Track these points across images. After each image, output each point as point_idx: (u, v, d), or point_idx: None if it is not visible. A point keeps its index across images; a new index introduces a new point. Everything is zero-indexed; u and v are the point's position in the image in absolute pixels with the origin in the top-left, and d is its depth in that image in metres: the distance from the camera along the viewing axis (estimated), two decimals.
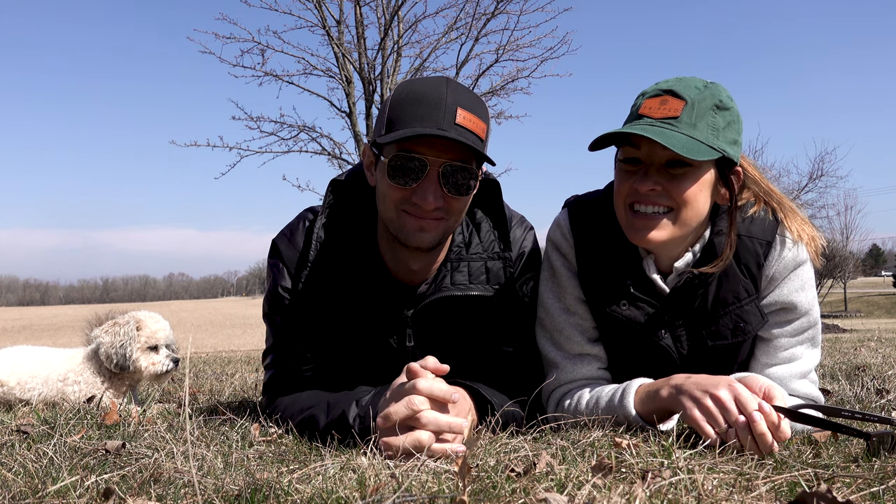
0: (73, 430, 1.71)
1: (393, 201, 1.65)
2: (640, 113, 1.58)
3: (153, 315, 2.46)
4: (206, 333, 36.81)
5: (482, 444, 1.44)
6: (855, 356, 4.41)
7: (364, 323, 1.82)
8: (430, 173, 1.59)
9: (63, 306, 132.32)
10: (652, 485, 1.08)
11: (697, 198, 1.58)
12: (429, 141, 1.57)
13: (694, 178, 1.56)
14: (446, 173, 1.59)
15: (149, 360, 2.37)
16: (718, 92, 1.58)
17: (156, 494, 1.12)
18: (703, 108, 1.54)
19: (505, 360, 1.87)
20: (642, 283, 1.72)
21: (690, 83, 1.58)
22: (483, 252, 1.83)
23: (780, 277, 1.70)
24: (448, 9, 11.81)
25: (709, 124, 1.54)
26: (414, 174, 1.59)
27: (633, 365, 1.77)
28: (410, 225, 1.64)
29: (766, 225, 1.70)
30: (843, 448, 1.42)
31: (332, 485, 1.12)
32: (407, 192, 1.61)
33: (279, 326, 1.87)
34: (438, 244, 1.71)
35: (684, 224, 1.60)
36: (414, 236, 1.65)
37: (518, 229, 1.89)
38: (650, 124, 1.54)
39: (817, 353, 1.77)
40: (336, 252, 1.80)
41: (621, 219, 1.66)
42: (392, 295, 1.81)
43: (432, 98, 1.57)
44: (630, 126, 1.56)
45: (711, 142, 1.53)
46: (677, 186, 1.56)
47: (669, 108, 1.54)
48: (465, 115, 1.57)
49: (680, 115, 1.53)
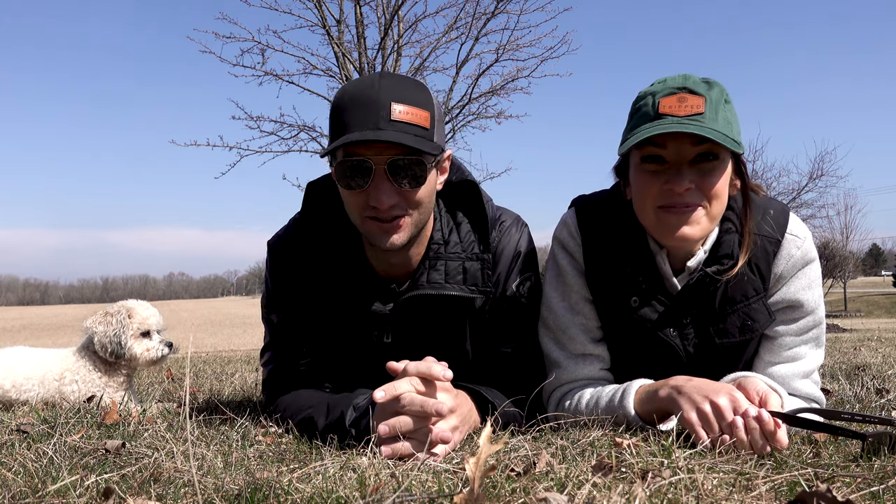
0: (73, 430, 1.71)
1: (355, 208, 1.67)
2: (662, 112, 1.56)
3: (142, 303, 2.51)
4: (206, 333, 36.79)
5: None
6: (855, 356, 4.41)
7: (347, 318, 1.84)
8: (377, 172, 1.59)
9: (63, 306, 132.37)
10: (652, 484, 1.08)
11: (725, 191, 1.60)
12: (369, 142, 1.57)
13: (721, 170, 1.58)
14: (394, 169, 1.59)
15: (143, 347, 2.40)
16: (721, 87, 1.60)
17: (156, 494, 1.12)
18: (718, 102, 1.56)
19: (503, 361, 1.87)
20: (653, 281, 1.72)
21: (697, 80, 1.59)
22: (462, 252, 1.82)
23: (788, 276, 1.70)
24: (448, 8, 11.80)
25: (725, 118, 1.56)
26: (362, 176, 1.60)
27: (639, 363, 1.77)
28: (376, 230, 1.66)
29: (775, 223, 1.70)
30: (843, 448, 1.42)
31: (332, 484, 1.12)
32: (363, 195, 1.62)
33: (275, 324, 1.92)
34: (413, 239, 1.72)
35: (714, 218, 1.62)
36: (382, 240, 1.66)
37: (513, 229, 1.89)
38: (680, 122, 1.53)
39: (821, 353, 1.77)
40: (319, 249, 1.83)
41: (650, 220, 1.63)
42: (373, 291, 1.82)
43: (365, 99, 1.58)
44: (665, 126, 1.53)
45: (731, 134, 1.55)
46: (708, 181, 1.57)
47: (691, 104, 1.55)
48: (402, 109, 1.58)
49: (705, 111, 1.54)
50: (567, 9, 11.87)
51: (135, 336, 2.40)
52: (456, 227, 1.85)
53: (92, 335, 2.38)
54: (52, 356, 2.43)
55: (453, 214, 1.87)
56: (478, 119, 12.44)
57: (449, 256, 1.82)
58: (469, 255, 1.83)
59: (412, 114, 1.59)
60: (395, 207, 1.62)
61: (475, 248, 1.83)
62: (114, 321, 2.38)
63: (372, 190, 1.61)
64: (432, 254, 1.81)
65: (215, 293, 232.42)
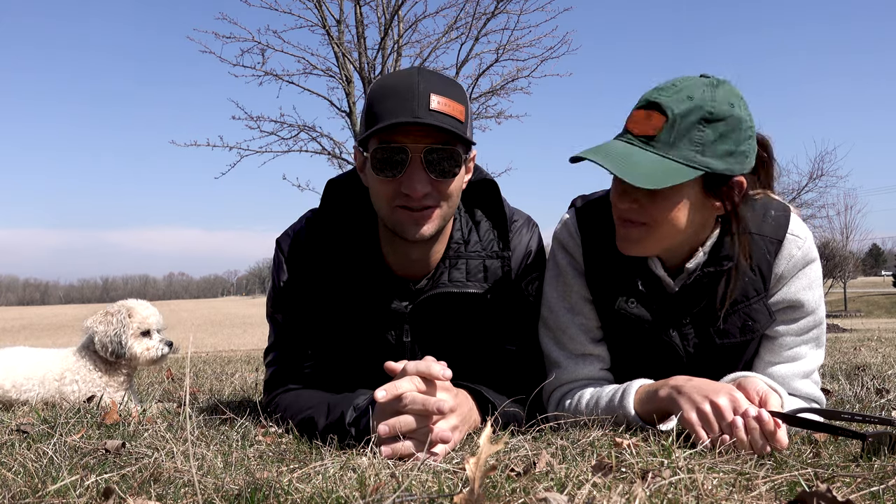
0: (73, 430, 1.71)
1: (385, 198, 1.66)
2: (627, 126, 1.57)
3: (142, 302, 2.51)
4: (206, 333, 36.81)
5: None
6: (855, 356, 4.41)
7: (363, 317, 1.83)
8: (413, 160, 1.60)
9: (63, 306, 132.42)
10: (652, 484, 1.08)
11: (676, 216, 1.55)
12: (406, 129, 1.58)
13: (671, 197, 1.52)
14: (430, 158, 1.60)
15: (143, 346, 2.41)
16: (715, 99, 1.49)
17: (156, 494, 1.12)
18: (688, 123, 1.48)
19: (507, 359, 1.87)
20: (651, 282, 1.72)
21: (684, 91, 1.51)
22: (482, 250, 1.83)
23: (788, 276, 1.70)
24: (448, 8, 11.82)
25: (693, 140, 1.48)
26: (398, 164, 1.60)
27: (640, 363, 1.77)
28: (406, 220, 1.65)
29: (777, 223, 1.69)
30: (843, 448, 1.42)
31: (332, 484, 1.12)
32: (395, 183, 1.62)
33: (280, 324, 1.90)
34: (438, 232, 1.72)
35: (664, 239, 1.59)
36: (411, 230, 1.65)
37: (524, 229, 1.90)
38: (628, 141, 1.53)
39: (821, 353, 1.77)
40: (335, 246, 1.82)
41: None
42: (390, 289, 1.82)
43: (405, 88, 1.59)
44: (594, 150, 1.53)
45: (691, 159, 1.48)
46: (654, 205, 1.54)
47: (650, 124, 1.51)
48: (440, 100, 1.58)
49: (658, 134, 1.49)
50: (567, 9, 11.90)
51: (135, 335, 2.41)
52: (475, 225, 1.86)
53: (93, 335, 2.38)
54: (53, 356, 2.44)
55: (472, 213, 1.88)
56: (478, 119, 12.45)
57: (469, 255, 1.82)
58: (489, 254, 1.83)
59: (450, 106, 1.59)
60: (428, 197, 1.62)
61: (495, 247, 1.84)
62: (114, 321, 2.38)
63: (406, 178, 1.60)
64: (452, 253, 1.82)
65: (215, 293, 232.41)
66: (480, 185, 1.87)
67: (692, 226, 1.58)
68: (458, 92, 1.65)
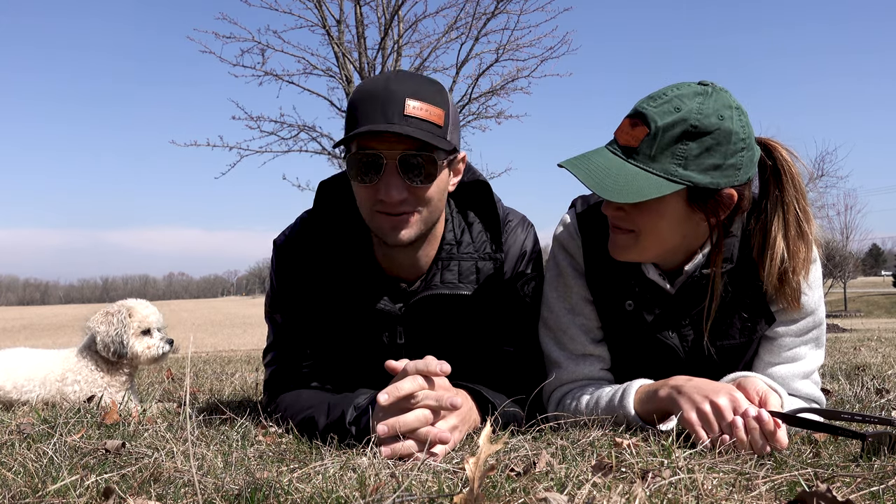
0: (73, 430, 1.71)
1: (365, 203, 1.67)
2: (614, 134, 1.57)
3: (141, 301, 2.52)
4: (206, 333, 36.81)
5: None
6: (855, 356, 4.41)
7: (357, 319, 1.84)
8: (388, 166, 1.60)
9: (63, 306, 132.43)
10: (652, 484, 1.08)
11: (660, 226, 1.55)
12: (381, 135, 1.58)
13: (654, 208, 1.52)
14: (405, 164, 1.60)
15: (144, 345, 2.42)
16: (703, 111, 1.45)
17: (156, 494, 1.12)
18: (670, 137, 1.46)
19: (505, 360, 1.87)
20: (649, 283, 1.72)
21: (673, 102, 1.47)
22: (474, 252, 1.83)
23: None
24: (448, 8, 11.81)
25: (675, 153, 1.47)
26: (373, 170, 1.61)
27: (639, 364, 1.77)
28: (385, 225, 1.66)
29: None
30: (843, 448, 1.42)
31: (332, 484, 1.12)
32: (372, 189, 1.63)
33: (279, 324, 1.91)
34: (420, 238, 1.72)
35: (652, 247, 1.59)
36: (391, 235, 1.66)
37: (519, 229, 1.89)
38: (613, 150, 1.54)
39: (821, 353, 1.77)
40: (328, 248, 1.83)
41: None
42: (383, 291, 1.82)
43: (380, 93, 1.59)
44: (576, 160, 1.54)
45: (672, 172, 1.46)
46: (639, 214, 1.54)
47: (633, 135, 1.50)
48: (416, 105, 1.58)
49: (638, 146, 1.49)
50: (567, 9, 11.90)
51: (135, 334, 2.41)
52: (468, 227, 1.86)
53: (94, 335, 2.38)
54: (54, 357, 2.44)
55: (465, 215, 1.88)
56: (478, 119, 12.46)
57: (462, 257, 1.82)
58: (482, 255, 1.83)
59: (426, 110, 1.59)
60: (404, 203, 1.63)
61: (487, 248, 1.84)
62: (115, 320, 2.38)
63: (382, 184, 1.61)
64: (444, 254, 1.82)
65: (215, 293, 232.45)
66: (473, 187, 1.87)
67: (679, 236, 1.59)
68: (438, 95, 1.64)
